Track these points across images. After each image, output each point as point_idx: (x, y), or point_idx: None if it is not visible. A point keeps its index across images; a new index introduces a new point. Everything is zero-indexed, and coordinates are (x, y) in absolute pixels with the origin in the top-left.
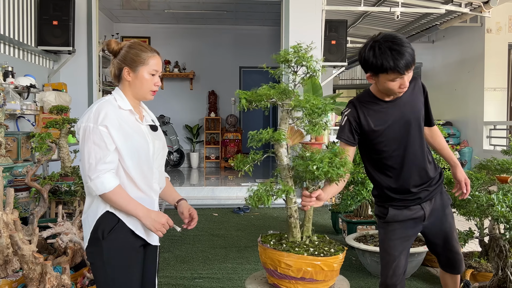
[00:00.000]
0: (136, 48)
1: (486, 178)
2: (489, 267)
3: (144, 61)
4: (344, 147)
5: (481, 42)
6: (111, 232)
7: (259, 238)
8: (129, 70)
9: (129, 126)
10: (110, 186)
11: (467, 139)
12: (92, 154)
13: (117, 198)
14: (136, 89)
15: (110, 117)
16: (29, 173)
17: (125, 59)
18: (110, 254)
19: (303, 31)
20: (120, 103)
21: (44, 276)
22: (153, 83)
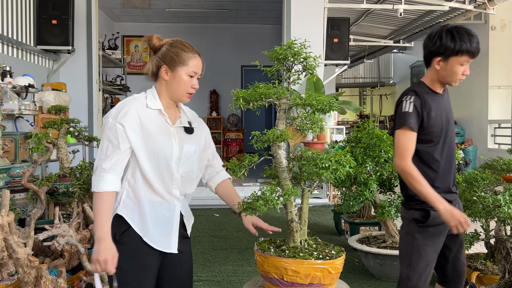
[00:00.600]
0: (177, 46)
1: (491, 178)
2: (495, 270)
3: (184, 61)
4: (409, 135)
5: (485, 39)
6: (123, 235)
7: (255, 246)
8: (167, 69)
9: (154, 126)
10: (100, 187)
11: (471, 137)
12: (103, 150)
13: (96, 204)
14: (172, 89)
15: (130, 115)
16: (26, 174)
17: (165, 57)
18: (121, 258)
19: (305, 29)
20: (149, 102)
21: (40, 280)
22: (190, 85)
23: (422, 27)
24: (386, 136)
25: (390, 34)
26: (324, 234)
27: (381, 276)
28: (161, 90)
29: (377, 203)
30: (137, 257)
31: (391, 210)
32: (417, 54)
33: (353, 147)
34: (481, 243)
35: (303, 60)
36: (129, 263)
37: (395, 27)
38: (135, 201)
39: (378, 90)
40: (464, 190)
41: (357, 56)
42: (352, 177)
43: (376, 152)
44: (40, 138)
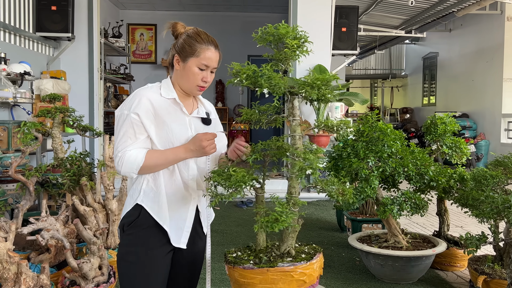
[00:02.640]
0: (192, 37)
1: (502, 176)
2: (504, 274)
3: (195, 52)
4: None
5: (501, 30)
6: (130, 226)
7: (235, 266)
8: (178, 59)
9: (168, 115)
10: (139, 158)
11: (484, 131)
12: (121, 142)
13: (154, 161)
14: (182, 80)
15: (143, 104)
16: (13, 164)
17: (179, 46)
18: (126, 249)
19: (312, 17)
20: (163, 92)
21: (20, 276)
22: (200, 78)
23: (434, 16)
24: (390, 129)
25: (401, 24)
26: (326, 230)
27: (382, 277)
28: (175, 79)
29: (379, 200)
30: (145, 249)
31: (393, 208)
32: (430, 45)
33: (355, 141)
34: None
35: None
36: (133, 255)
37: (406, 16)
38: (156, 191)
39: (389, 82)
40: (472, 189)
41: (368, 47)
42: (353, 172)
43: (379, 147)
44: (28, 127)
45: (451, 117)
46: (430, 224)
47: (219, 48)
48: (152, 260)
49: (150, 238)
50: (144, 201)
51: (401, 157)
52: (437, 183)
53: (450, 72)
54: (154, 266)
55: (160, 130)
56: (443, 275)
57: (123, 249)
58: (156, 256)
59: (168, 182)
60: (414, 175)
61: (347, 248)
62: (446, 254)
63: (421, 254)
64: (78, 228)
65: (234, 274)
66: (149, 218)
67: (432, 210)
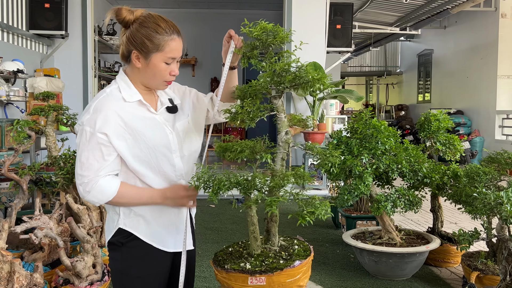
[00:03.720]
0: (150, 27)
1: (494, 173)
2: (497, 270)
3: (158, 46)
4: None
5: (495, 27)
6: (130, 239)
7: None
8: (138, 55)
9: (140, 122)
10: (112, 191)
11: (478, 128)
12: (87, 165)
13: (126, 199)
14: (146, 78)
15: (111, 121)
16: (6, 163)
17: (135, 40)
18: (128, 262)
19: (307, 14)
20: (125, 95)
21: (13, 275)
22: (168, 73)
23: (429, 14)
24: (383, 127)
25: (396, 21)
26: (321, 227)
27: (376, 274)
28: (134, 76)
29: (373, 197)
30: (145, 261)
31: (387, 205)
32: (425, 42)
33: (349, 138)
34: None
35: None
36: (137, 267)
37: (401, 13)
38: (138, 210)
39: (384, 79)
40: (465, 185)
41: (363, 44)
42: (347, 169)
43: (373, 144)
44: (22, 126)
45: (445, 114)
46: (424, 220)
47: (181, 33)
48: (154, 270)
49: (152, 248)
50: (126, 224)
51: (395, 154)
52: (430, 180)
53: (445, 69)
54: (157, 276)
55: (135, 142)
56: (437, 271)
57: (125, 262)
58: (158, 265)
59: None
60: (408, 172)
61: (341, 245)
62: (440, 251)
63: (415, 251)
64: (72, 226)
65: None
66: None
67: (426, 206)
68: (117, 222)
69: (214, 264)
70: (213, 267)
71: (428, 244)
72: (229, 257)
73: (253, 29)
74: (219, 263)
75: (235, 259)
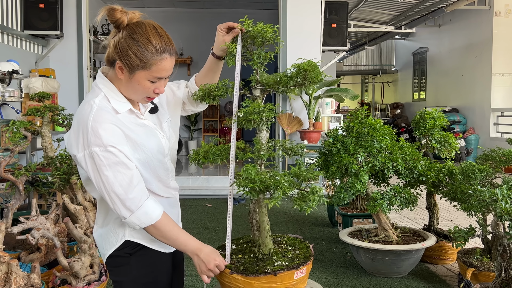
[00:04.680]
0: (139, 40)
1: (489, 170)
2: (492, 266)
3: (145, 64)
4: None
5: (489, 25)
6: (137, 248)
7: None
8: (122, 67)
9: (134, 132)
10: (156, 215)
11: (473, 126)
12: (116, 184)
13: (165, 230)
14: (128, 91)
15: (116, 134)
16: (2, 164)
17: (121, 51)
18: (139, 272)
19: (302, 13)
20: (116, 105)
21: (10, 276)
22: (152, 90)
23: (424, 12)
24: (379, 125)
25: (391, 20)
26: (318, 225)
27: (372, 271)
28: (117, 84)
29: (369, 195)
30: (156, 267)
31: (383, 202)
32: (420, 41)
33: (344, 137)
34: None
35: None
36: (147, 276)
37: (396, 12)
38: None
39: (380, 78)
40: (460, 183)
41: (358, 43)
42: (343, 168)
43: (369, 142)
44: (17, 126)
45: (440, 112)
46: (420, 218)
47: (176, 50)
48: (163, 276)
49: (160, 254)
50: (133, 235)
51: (391, 152)
52: (426, 178)
53: (440, 67)
54: (165, 280)
55: (134, 152)
56: (433, 269)
57: (137, 271)
58: (167, 269)
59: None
60: (404, 169)
61: (338, 243)
62: (436, 248)
63: (411, 248)
64: (69, 226)
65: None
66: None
67: (422, 204)
68: (123, 235)
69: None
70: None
71: (424, 241)
72: (251, 260)
73: (245, 25)
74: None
75: (260, 261)
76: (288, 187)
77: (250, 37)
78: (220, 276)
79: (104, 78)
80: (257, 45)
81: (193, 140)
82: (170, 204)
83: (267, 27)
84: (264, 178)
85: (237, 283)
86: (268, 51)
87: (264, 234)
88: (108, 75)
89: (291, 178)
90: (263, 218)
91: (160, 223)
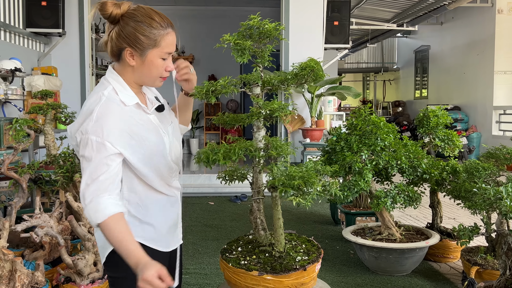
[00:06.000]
0: (143, 21)
1: (494, 168)
2: (496, 264)
3: (155, 42)
4: None
5: (492, 23)
6: None
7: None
8: (132, 53)
9: (140, 126)
10: (103, 215)
11: (475, 124)
12: (88, 173)
13: (107, 235)
14: (142, 76)
15: (117, 128)
16: (6, 162)
17: (128, 37)
18: (131, 269)
19: (304, 11)
20: (123, 98)
21: (14, 273)
22: (163, 69)
23: (426, 10)
24: (383, 123)
25: (393, 18)
26: (320, 223)
27: (376, 269)
28: (127, 75)
29: (372, 193)
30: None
31: (387, 201)
32: (422, 38)
33: (348, 135)
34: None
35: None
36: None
37: (398, 10)
38: (141, 217)
39: (381, 76)
40: (464, 181)
41: (360, 41)
42: (346, 166)
43: (372, 140)
44: (21, 124)
45: (443, 110)
46: (423, 216)
47: (174, 28)
48: None
49: (159, 252)
50: (134, 234)
51: (394, 150)
52: (430, 176)
53: (442, 65)
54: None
55: (139, 147)
56: (436, 267)
57: (131, 269)
58: (164, 265)
59: (152, 197)
60: (407, 168)
61: (341, 241)
62: (439, 246)
63: (414, 246)
64: (73, 224)
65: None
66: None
67: (425, 202)
68: (109, 245)
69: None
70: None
71: (428, 239)
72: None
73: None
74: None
75: (279, 259)
76: (318, 183)
77: (258, 34)
78: (244, 280)
79: (113, 72)
80: (263, 42)
81: (195, 138)
82: (171, 203)
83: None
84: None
85: (267, 283)
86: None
87: (280, 232)
88: (115, 68)
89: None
90: (278, 215)
91: (104, 226)
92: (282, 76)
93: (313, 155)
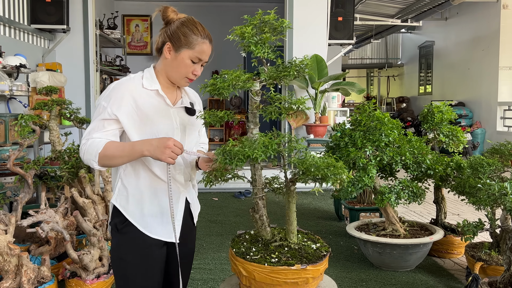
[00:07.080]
0: (188, 26)
1: (498, 164)
2: (500, 260)
3: (190, 44)
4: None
5: (497, 18)
6: (124, 224)
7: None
8: (170, 47)
9: (152, 108)
10: (99, 146)
11: (480, 120)
12: (90, 133)
13: (112, 152)
14: (171, 70)
15: (125, 100)
16: (11, 157)
17: (172, 34)
18: (124, 249)
19: (308, 6)
20: (146, 83)
21: (20, 268)
22: (191, 71)
23: (430, 5)
24: (387, 119)
25: (397, 13)
26: (324, 219)
27: (380, 265)
28: (161, 68)
29: (377, 189)
30: (141, 247)
31: (391, 196)
32: (426, 34)
33: (352, 130)
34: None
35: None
36: (132, 253)
37: (402, 5)
38: (132, 189)
39: (385, 71)
40: (468, 176)
41: (364, 36)
42: (350, 162)
43: (377, 136)
44: (26, 120)
45: (448, 106)
46: (427, 212)
47: (213, 43)
48: (150, 257)
49: (145, 236)
50: (118, 201)
51: (399, 146)
52: (434, 172)
53: (446, 60)
54: (152, 262)
55: (144, 125)
56: (440, 262)
57: (122, 248)
58: (154, 253)
59: (148, 179)
60: (412, 163)
61: (345, 237)
62: (443, 242)
63: (418, 242)
64: (78, 220)
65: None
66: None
67: (429, 198)
68: (115, 198)
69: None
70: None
71: (432, 235)
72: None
73: (253, 19)
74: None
75: (300, 250)
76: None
77: (264, 25)
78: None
79: (151, 66)
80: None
81: None
82: (163, 191)
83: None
84: (325, 164)
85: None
86: (275, 45)
87: (295, 224)
88: (155, 65)
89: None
90: (294, 209)
91: (103, 152)
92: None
93: (317, 151)
